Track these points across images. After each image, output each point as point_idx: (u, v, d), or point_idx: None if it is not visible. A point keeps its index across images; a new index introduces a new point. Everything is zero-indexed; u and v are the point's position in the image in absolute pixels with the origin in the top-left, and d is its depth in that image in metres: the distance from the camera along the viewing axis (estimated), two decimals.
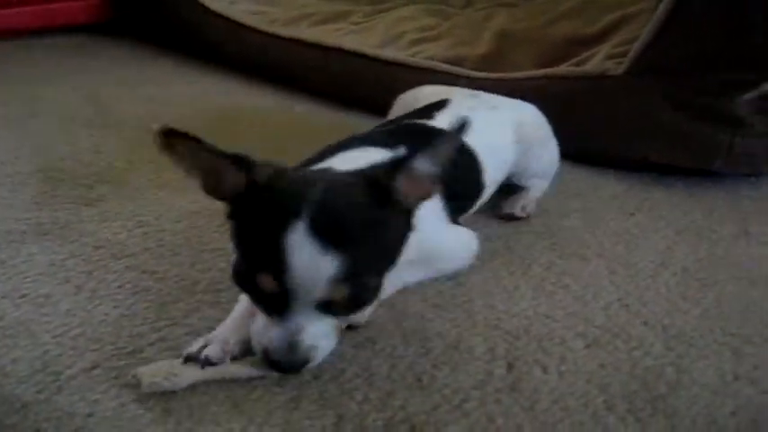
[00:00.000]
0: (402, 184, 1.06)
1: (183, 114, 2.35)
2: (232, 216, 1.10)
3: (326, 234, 0.98)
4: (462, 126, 1.06)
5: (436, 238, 1.39)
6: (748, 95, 1.94)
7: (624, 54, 2.10)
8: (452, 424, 1.11)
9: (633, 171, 2.13)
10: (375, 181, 1.06)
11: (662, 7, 1.93)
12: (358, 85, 2.48)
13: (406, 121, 1.66)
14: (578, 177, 2.07)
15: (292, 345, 1.04)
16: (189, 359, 1.13)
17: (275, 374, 1.10)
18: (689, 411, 1.17)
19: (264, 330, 1.07)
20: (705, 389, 1.22)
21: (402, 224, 1.12)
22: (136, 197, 1.75)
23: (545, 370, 1.25)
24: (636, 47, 2.05)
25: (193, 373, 1.10)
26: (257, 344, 1.08)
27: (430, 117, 1.66)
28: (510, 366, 1.25)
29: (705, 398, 1.20)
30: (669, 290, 1.52)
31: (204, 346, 1.15)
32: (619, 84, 2.09)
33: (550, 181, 1.91)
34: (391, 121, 1.82)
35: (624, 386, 1.22)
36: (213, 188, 1.09)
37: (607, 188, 2.01)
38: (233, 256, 1.13)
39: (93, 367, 1.17)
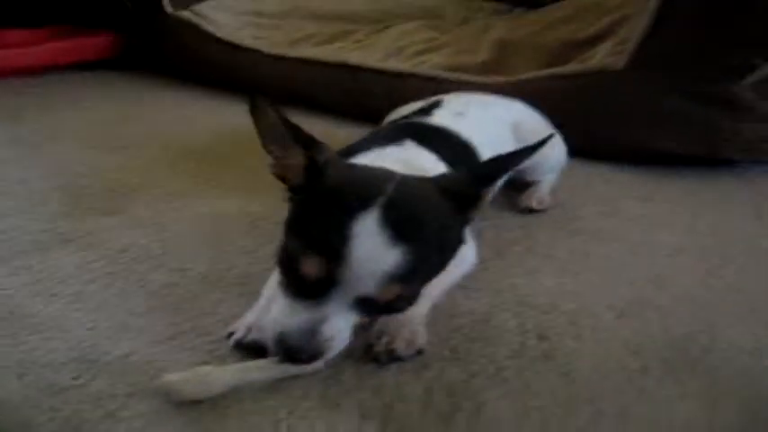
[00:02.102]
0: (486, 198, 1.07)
1: (195, 134, 2.36)
2: (296, 193, 1.07)
3: (397, 229, 0.94)
4: (543, 142, 1.09)
5: None
6: (750, 79, 1.94)
7: (623, 51, 2.11)
8: (490, 389, 1.09)
9: (643, 164, 2.12)
10: (456, 189, 1.05)
11: None
12: (366, 99, 2.48)
13: (409, 121, 1.64)
14: (590, 172, 2.07)
15: (314, 332, 0.98)
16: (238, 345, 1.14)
17: (299, 371, 1.05)
18: (726, 371, 1.15)
19: (286, 315, 1.01)
20: (741, 351, 1.20)
21: (460, 235, 1.09)
22: (154, 206, 1.73)
23: (578, 339, 1.22)
24: (634, 39, 2.06)
25: (224, 379, 1.03)
26: (273, 330, 1.02)
27: (428, 115, 1.65)
28: (541, 337, 1.22)
29: (741, 359, 1.18)
30: (692, 267, 1.50)
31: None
32: (621, 77, 2.10)
33: (559, 172, 1.89)
34: (391, 122, 1.78)
35: (658, 352, 1.20)
36: (284, 165, 1.07)
37: (619, 179, 2.01)
38: (280, 240, 1.08)
39: (129, 354, 1.15)
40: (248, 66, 2.79)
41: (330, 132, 1.42)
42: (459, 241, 1.09)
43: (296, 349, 0.99)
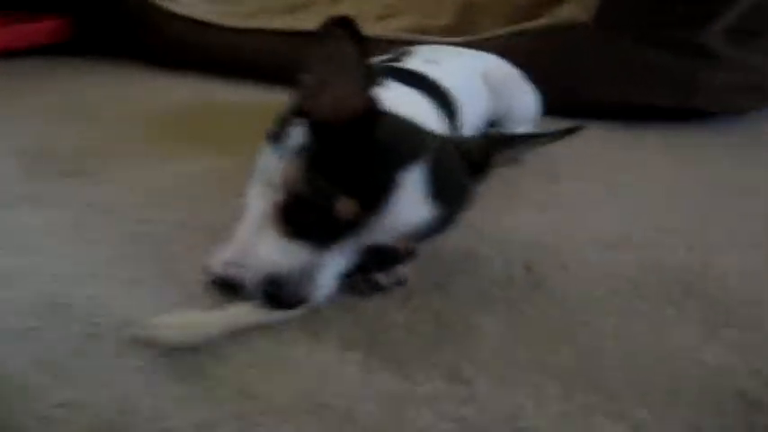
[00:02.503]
0: (496, 163, 1.06)
1: (163, 106, 2.27)
2: (324, 131, 0.99)
3: (435, 187, 0.93)
4: (569, 130, 1.06)
5: None
6: (716, 24, 1.91)
7: (589, 5, 2.06)
8: (479, 315, 1.03)
9: (618, 118, 2.07)
10: (475, 157, 1.05)
11: None
12: None
13: (382, 65, 1.57)
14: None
15: (309, 277, 0.92)
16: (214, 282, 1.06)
17: (289, 316, 0.98)
18: (724, 295, 1.10)
19: (281, 256, 0.94)
20: (737, 275, 1.17)
21: (469, 204, 1.05)
22: (122, 167, 1.65)
23: (565, 270, 1.17)
24: None
25: (214, 326, 0.97)
26: (259, 269, 0.94)
27: (399, 62, 1.59)
28: (528, 268, 1.17)
29: (738, 283, 1.15)
30: (677, 204, 1.46)
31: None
32: (588, 31, 2.06)
33: (533, 125, 1.83)
34: None
35: (651, 278, 1.15)
36: (318, 100, 0.98)
37: (596, 134, 1.92)
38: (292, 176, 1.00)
39: (93, 297, 1.07)
40: (207, 40, 2.71)
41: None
42: (468, 207, 1.04)
43: (286, 292, 0.92)
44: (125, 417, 0.82)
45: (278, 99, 1.06)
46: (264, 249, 0.97)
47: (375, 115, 0.97)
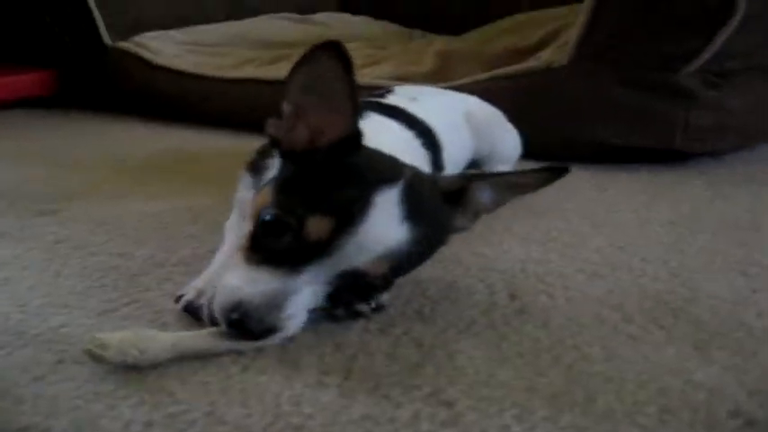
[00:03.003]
0: (474, 198, 1.04)
1: (137, 153, 2.23)
2: (296, 156, 0.98)
3: (410, 210, 0.92)
4: (555, 171, 1.02)
5: None
6: (692, 66, 1.91)
7: (566, 48, 2.07)
8: (462, 341, 0.99)
9: (598, 160, 2.03)
10: (451, 188, 1.04)
11: None
12: None
13: (364, 100, 1.53)
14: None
15: (277, 306, 0.88)
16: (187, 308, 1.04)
17: (251, 346, 0.93)
18: (712, 318, 1.06)
19: (247, 283, 0.89)
20: (724, 301, 1.13)
21: (448, 234, 1.04)
22: (94, 205, 1.61)
23: (551, 297, 1.14)
24: (574, 35, 2.02)
25: (163, 348, 0.90)
26: (226, 298, 0.90)
27: (381, 98, 1.57)
28: (513, 297, 1.13)
29: (726, 307, 1.10)
30: (660, 236, 1.43)
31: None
32: (565, 73, 2.05)
33: (515, 164, 1.80)
34: None
35: (638, 305, 1.11)
36: (293, 125, 0.97)
37: (576, 174, 1.87)
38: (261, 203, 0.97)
39: (61, 326, 1.02)
40: (190, 91, 2.69)
41: None
42: (444, 240, 1.03)
43: (253, 321, 0.88)
44: None
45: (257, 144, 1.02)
46: (231, 277, 0.92)
47: (356, 139, 0.95)
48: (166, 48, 2.82)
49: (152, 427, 0.79)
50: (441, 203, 1.00)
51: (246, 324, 0.88)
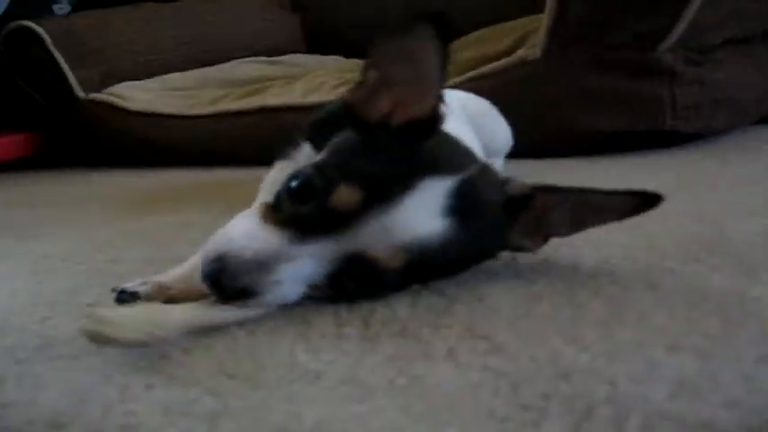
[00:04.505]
0: (542, 214, 0.88)
1: (120, 194, 2.10)
2: (364, 128, 0.87)
3: (458, 207, 0.80)
4: (651, 200, 0.85)
5: None
6: (667, 43, 1.84)
7: (538, 43, 1.99)
8: (489, 287, 0.90)
9: (595, 150, 1.93)
10: (513, 190, 0.89)
11: None
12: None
13: None
14: (529, 168, 1.81)
15: (263, 268, 0.77)
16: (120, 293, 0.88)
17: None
18: (749, 251, 0.99)
19: (243, 236, 0.78)
20: (757, 235, 1.06)
21: (485, 254, 0.92)
22: (81, 230, 1.52)
23: (574, 248, 1.02)
24: (544, 25, 1.95)
25: (183, 321, 0.78)
26: (215, 246, 0.79)
27: None
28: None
29: (759, 241, 1.04)
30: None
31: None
32: (541, 65, 1.98)
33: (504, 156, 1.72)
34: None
35: (668, 246, 1.03)
36: (371, 98, 0.86)
37: (569, 166, 1.81)
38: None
39: (47, 318, 0.93)
40: (168, 132, 2.60)
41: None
42: (489, 254, 0.91)
43: (228, 276, 0.76)
44: (83, 406, 0.66)
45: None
46: (234, 226, 0.82)
47: (434, 123, 0.85)
48: (138, 95, 2.74)
49: (153, 388, 0.68)
50: (500, 213, 0.87)
51: (221, 279, 0.76)
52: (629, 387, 0.60)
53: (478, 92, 1.79)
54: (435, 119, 0.85)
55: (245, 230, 0.80)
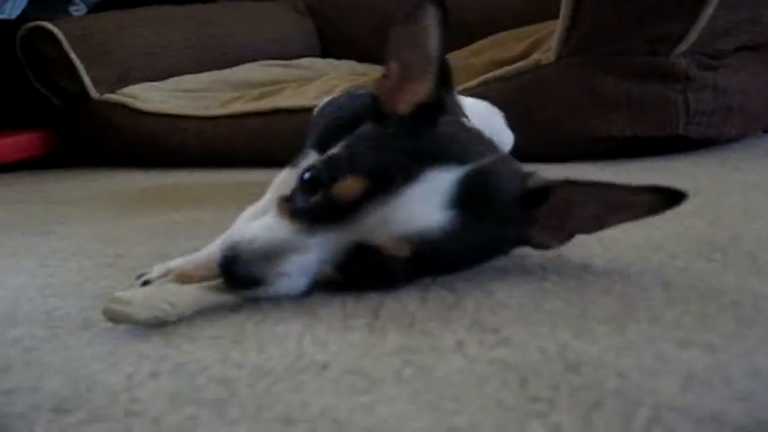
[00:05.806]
0: (566, 208, 0.86)
1: (133, 191, 2.11)
2: (383, 119, 0.87)
3: (467, 197, 0.79)
4: (676, 197, 0.82)
5: None
6: (681, 48, 1.83)
7: (552, 47, 1.98)
8: (499, 283, 0.89)
9: (607, 158, 1.91)
10: (532, 181, 0.86)
11: None
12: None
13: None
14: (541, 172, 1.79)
15: (271, 259, 0.78)
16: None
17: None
18: (763, 251, 0.98)
19: (261, 229, 0.80)
20: None
21: (495, 250, 0.90)
22: (92, 227, 1.51)
23: (585, 246, 1.00)
24: (558, 30, 1.93)
25: (195, 298, 0.82)
26: (233, 235, 0.81)
27: None
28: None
29: None
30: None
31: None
32: (554, 69, 1.96)
33: None
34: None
35: (680, 246, 1.02)
36: (391, 85, 0.87)
37: (581, 171, 1.78)
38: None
39: (55, 309, 0.92)
40: (181, 133, 2.60)
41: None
42: (501, 248, 0.89)
43: (239, 265, 0.78)
44: (88, 393, 0.65)
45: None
46: (258, 222, 0.84)
47: (435, 107, 0.85)
48: (152, 95, 2.74)
49: (159, 376, 0.68)
50: (515, 206, 0.84)
51: (232, 266, 0.77)
52: (639, 380, 0.59)
53: (492, 95, 1.78)
54: (436, 103, 0.84)
55: (260, 222, 0.82)
